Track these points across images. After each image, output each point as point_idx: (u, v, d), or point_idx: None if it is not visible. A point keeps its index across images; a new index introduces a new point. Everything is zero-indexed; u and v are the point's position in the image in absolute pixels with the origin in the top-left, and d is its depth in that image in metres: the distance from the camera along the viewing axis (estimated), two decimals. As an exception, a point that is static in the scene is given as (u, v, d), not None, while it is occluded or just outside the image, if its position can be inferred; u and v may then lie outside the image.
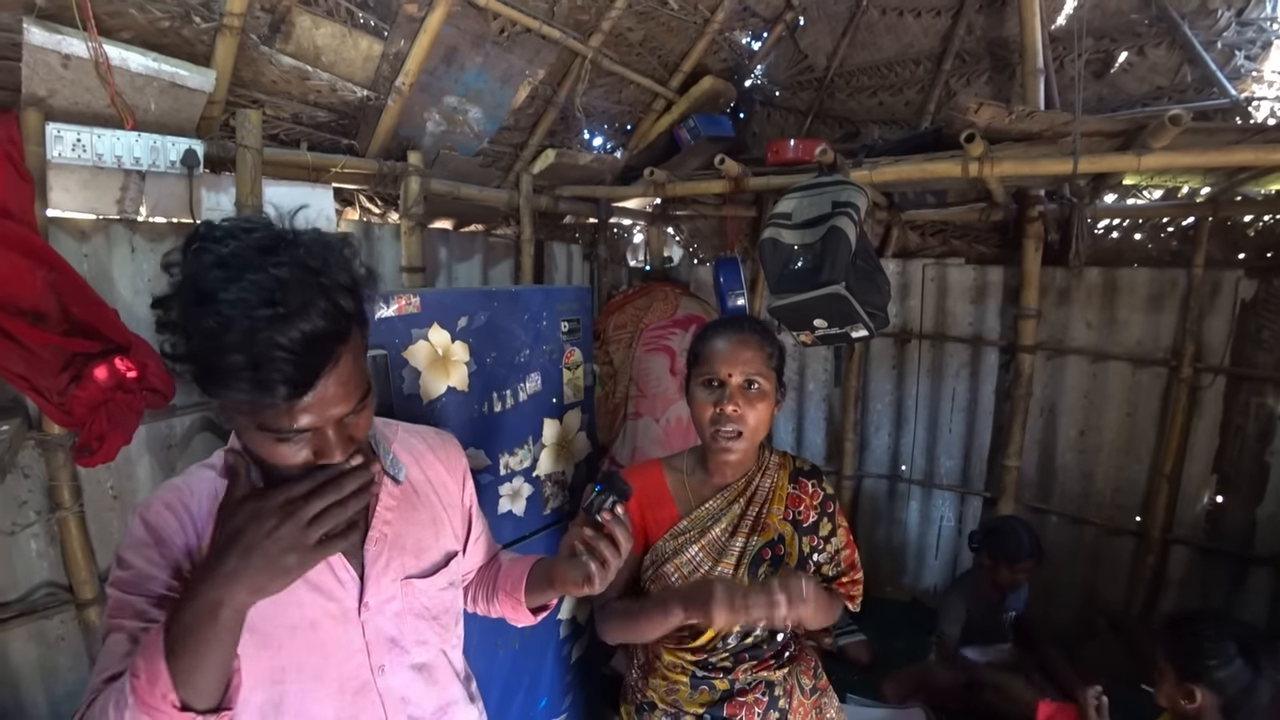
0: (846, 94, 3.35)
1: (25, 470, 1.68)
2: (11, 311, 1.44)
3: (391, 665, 0.99)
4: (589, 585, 0.99)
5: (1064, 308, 2.92)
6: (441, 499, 1.10)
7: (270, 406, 0.72)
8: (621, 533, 0.99)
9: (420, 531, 1.04)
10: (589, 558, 0.98)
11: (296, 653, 0.91)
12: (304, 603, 0.91)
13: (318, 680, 0.92)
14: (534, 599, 1.16)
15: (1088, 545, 2.94)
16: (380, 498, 0.99)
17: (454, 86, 2.40)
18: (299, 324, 0.70)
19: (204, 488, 0.91)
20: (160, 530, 0.87)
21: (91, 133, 1.60)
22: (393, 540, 1.00)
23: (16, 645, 1.72)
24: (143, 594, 0.83)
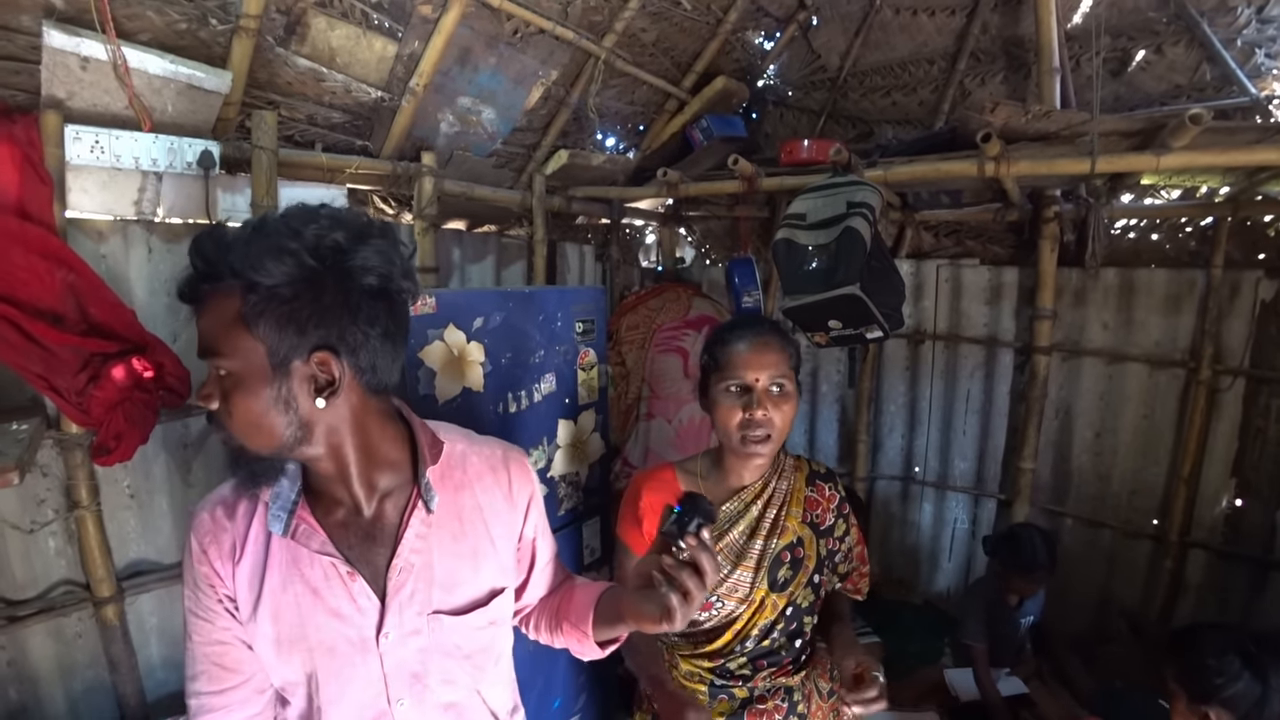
0: (860, 94, 3.33)
1: (44, 469, 1.69)
2: (31, 312, 1.45)
3: (412, 701, 0.94)
4: (668, 621, 0.86)
5: (1080, 309, 2.90)
6: (490, 529, 0.99)
7: None
8: (708, 561, 0.86)
9: (456, 564, 0.96)
10: (669, 589, 0.86)
11: (318, 671, 0.91)
12: (322, 626, 0.90)
13: (336, 703, 0.92)
14: (601, 632, 1.04)
15: (1104, 548, 2.91)
16: (410, 524, 0.92)
17: (468, 87, 2.40)
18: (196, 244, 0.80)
19: (247, 503, 0.94)
20: (198, 552, 0.92)
21: (110, 134, 1.61)
22: (420, 570, 0.93)
23: (35, 642, 1.73)
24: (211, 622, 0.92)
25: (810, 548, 1.42)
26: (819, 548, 1.43)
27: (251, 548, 0.91)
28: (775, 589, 1.36)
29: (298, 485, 0.91)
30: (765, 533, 1.38)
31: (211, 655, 0.92)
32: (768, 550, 1.38)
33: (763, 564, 1.36)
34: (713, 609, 1.36)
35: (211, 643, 0.92)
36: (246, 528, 0.91)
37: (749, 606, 1.36)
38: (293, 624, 0.89)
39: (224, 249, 0.78)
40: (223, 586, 0.91)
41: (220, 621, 0.91)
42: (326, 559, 0.89)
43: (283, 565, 0.90)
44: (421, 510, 0.93)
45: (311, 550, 0.89)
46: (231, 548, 0.91)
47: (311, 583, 0.89)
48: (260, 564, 0.90)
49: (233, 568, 0.90)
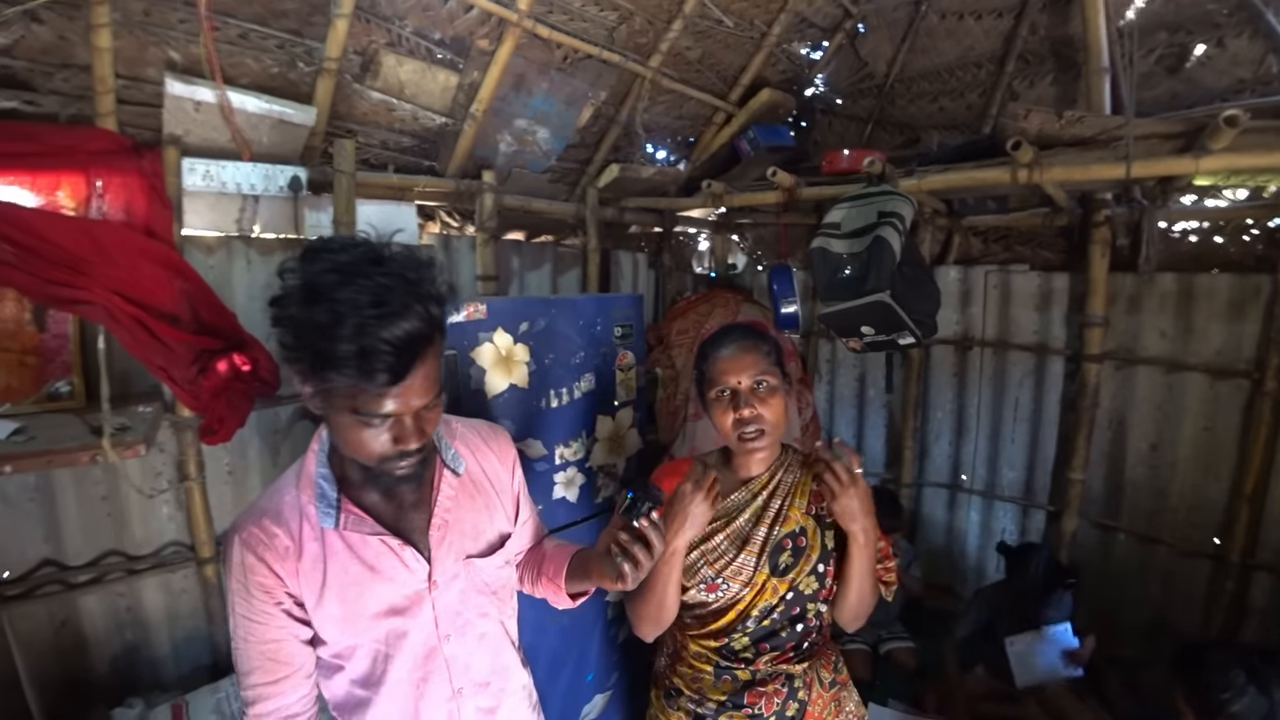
0: (907, 100, 3.34)
1: (161, 446, 2.01)
2: (155, 314, 1.74)
3: (456, 634, 1.13)
4: (622, 583, 1.08)
5: (1134, 315, 2.81)
6: (495, 486, 1.23)
7: (367, 392, 0.87)
8: (656, 536, 1.07)
9: (477, 516, 1.18)
10: (623, 559, 1.06)
11: (382, 630, 1.07)
12: (382, 595, 1.06)
13: (399, 653, 1.09)
14: (572, 586, 1.26)
15: (1159, 566, 2.80)
16: (441, 488, 1.12)
17: (523, 110, 2.61)
18: (400, 323, 0.86)
19: (290, 511, 1.05)
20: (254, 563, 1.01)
21: (217, 164, 1.91)
22: (453, 525, 1.13)
23: (149, 593, 2.06)
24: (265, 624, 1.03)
25: (814, 538, 1.49)
26: (824, 538, 1.50)
27: (309, 545, 1.03)
28: (776, 574, 1.45)
29: (334, 483, 1.05)
30: (769, 521, 1.47)
31: (266, 652, 1.03)
32: (770, 537, 1.46)
33: (765, 550, 1.45)
34: (719, 590, 1.45)
35: (266, 641, 1.02)
36: (298, 528, 1.03)
37: (751, 589, 1.44)
38: (356, 599, 1.04)
39: (435, 310, 0.93)
40: (282, 587, 1.01)
41: (275, 622, 1.02)
42: (377, 538, 1.05)
43: (341, 552, 1.04)
44: (450, 475, 1.14)
45: (364, 534, 1.05)
46: (287, 549, 1.01)
47: (368, 561, 1.05)
48: (320, 556, 1.03)
49: (294, 565, 1.01)
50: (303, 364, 0.89)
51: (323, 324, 0.84)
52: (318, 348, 0.85)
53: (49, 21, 1.65)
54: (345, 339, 0.83)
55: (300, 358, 0.89)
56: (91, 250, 1.64)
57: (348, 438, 0.95)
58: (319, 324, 0.84)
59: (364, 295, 0.85)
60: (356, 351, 0.84)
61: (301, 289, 0.87)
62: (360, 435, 0.93)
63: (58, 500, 1.91)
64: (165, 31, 1.77)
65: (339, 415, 0.93)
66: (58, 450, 1.52)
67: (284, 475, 1.11)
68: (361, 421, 0.91)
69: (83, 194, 1.79)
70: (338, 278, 0.86)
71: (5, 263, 1.52)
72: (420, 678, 1.11)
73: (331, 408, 0.93)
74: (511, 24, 2.25)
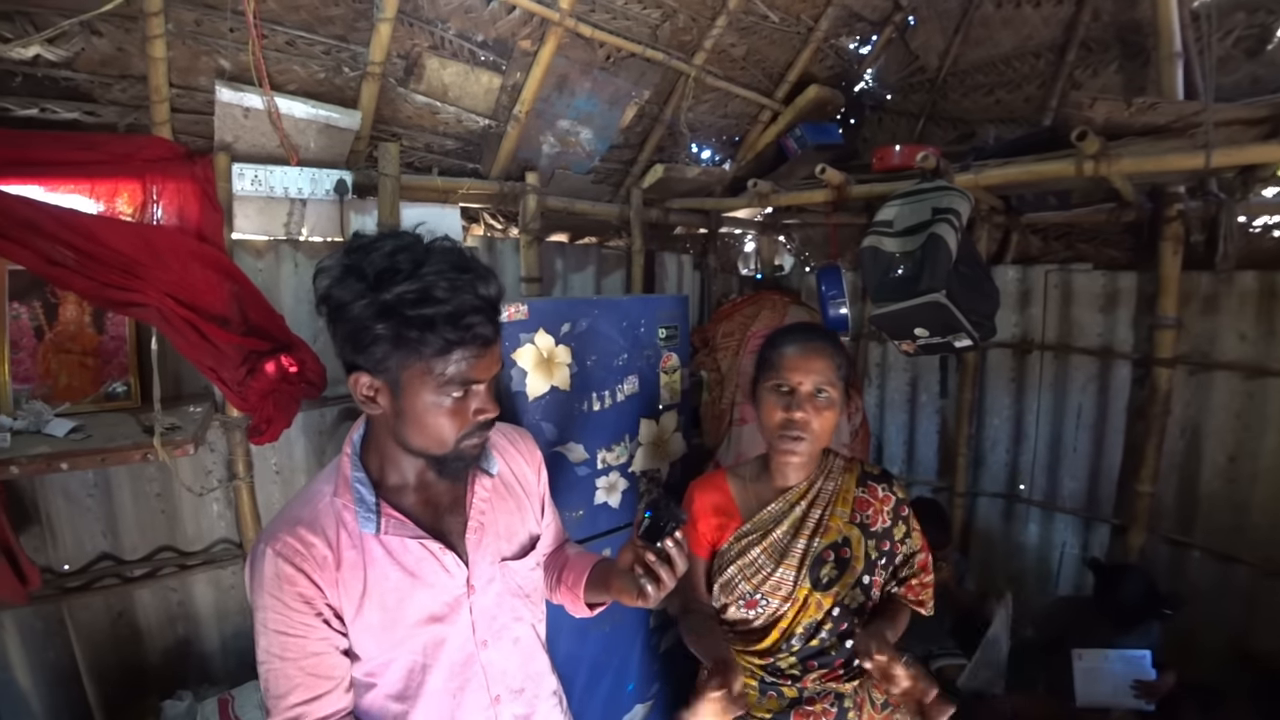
0: (961, 93, 3.22)
1: (211, 445, 2.06)
2: (206, 316, 1.78)
3: (493, 639, 1.11)
4: (643, 600, 1.04)
5: (1211, 317, 2.63)
6: (524, 488, 1.22)
7: (464, 358, 0.90)
8: (681, 558, 1.03)
9: (509, 519, 1.16)
10: (646, 580, 1.02)
11: (421, 638, 1.04)
12: (423, 602, 1.03)
13: (436, 662, 1.05)
14: (591, 596, 1.23)
15: (1238, 587, 2.60)
16: (475, 490, 1.11)
17: (566, 111, 2.60)
18: (490, 285, 0.92)
19: (325, 518, 1.01)
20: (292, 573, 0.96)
21: (266, 169, 1.94)
22: (488, 527, 1.12)
23: (199, 588, 2.11)
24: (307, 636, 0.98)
25: (859, 548, 1.42)
26: (868, 548, 1.43)
27: (347, 553, 0.99)
28: (818, 588, 1.38)
29: (370, 486, 1.03)
30: (809, 532, 1.40)
31: (307, 667, 0.97)
32: (810, 549, 1.39)
33: (805, 563, 1.38)
34: (758, 606, 1.39)
35: (307, 655, 0.96)
36: (336, 536, 0.99)
37: (793, 605, 1.38)
38: (397, 607, 1.01)
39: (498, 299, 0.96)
40: (322, 598, 0.97)
41: (316, 634, 0.97)
42: (417, 542, 1.02)
43: (381, 559, 1.01)
44: (483, 477, 1.12)
45: (404, 538, 1.02)
46: (325, 559, 0.97)
47: (408, 567, 1.02)
48: (360, 563, 0.99)
49: (333, 575, 0.97)
50: (384, 345, 0.89)
51: (412, 294, 0.86)
52: (409, 317, 0.87)
53: (108, 34, 1.70)
54: (439, 301, 0.86)
55: (383, 336, 0.88)
56: (147, 254, 1.68)
57: (428, 422, 0.95)
58: (408, 296, 0.86)
59: (444, 264, 0.89)
60: (451, 313, 0.87)
61: (375, 274, 0.88)
62: (442, 415, 0.94)
63: (115, 496, 1.97)
64: (216, 40, 1.81)
65: (418, 399, 0.93)
66: (112, 449, 1.57)
67: (314, 482, 1.08)
68: (443, 397, 0.92)
69: (139, 200, 1.84)
70: (409, 256, 0.88)
71: (67, 267, 1.57)
72: (457, 686, 1.08)
73: (410, 392, 0.93)
74: (554, 24, 2.24)
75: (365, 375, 0.94)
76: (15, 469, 1.48)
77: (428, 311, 0.87)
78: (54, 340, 1.80)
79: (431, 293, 0.87)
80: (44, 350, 1.79)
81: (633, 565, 1.05)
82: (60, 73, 1.70)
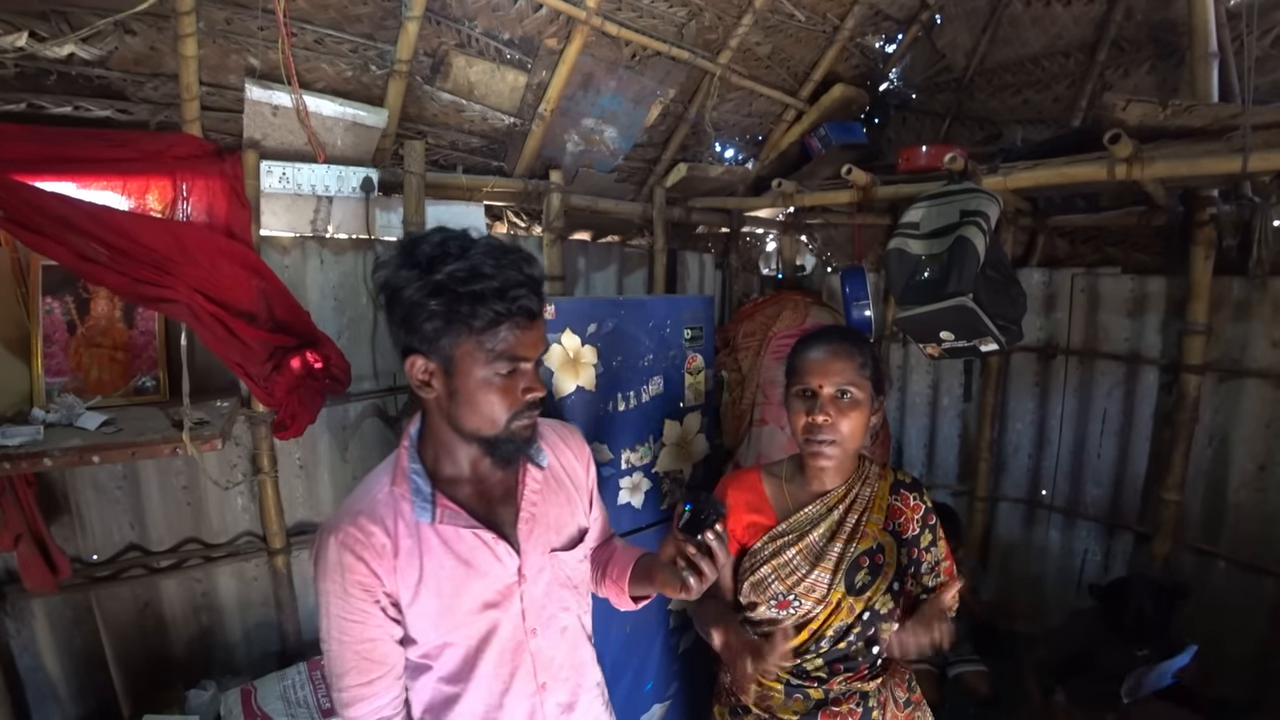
0: (988, 93, 3.18)
1: (237, 440, 2.08)
2: (234, 312, 1.79)
3: (542, 628, 1.14)
4: (686, 592, 1.06)
5: (1242, 323, 2.58)
6: (573, 481, 1.25)
7: (512, 331, 0.96)
8: (721, 550, 1.05)
9: (559, 511, 1.20)
10: (689, 573, 1.05)
11: (474, 625, 1.08)
12: (477, 590, 1.07)
13: (488, 649, 1.09)
14: (635, 589, 1.27)
15: (1267, 599, 2.55)
16: (526, 482, 1.15)
17: (591, 110, 2.59)
18: (533, 266, 1.00)
19: (384, 509, 1.06)
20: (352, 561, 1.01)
21: (293, 167, 1.95)
22: (539, 518, 1.15)
23: (223, 580, 2.13)
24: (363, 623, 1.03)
25: (891, 555, 1.42)
26: (900, 556, 1.43)
27: (404, 542, 1.04)
28: (852, 592, 1.39)
29: (426, 477, 1.07)
30: (845, 537, 1.41)
31: (362, 652, 1.03)
32: (846, 554, 1.40)
33: (840, 567, 1.39)
34: (790, 607, 1.40)
35: (363, 641, 1.02)
36: (394, 525, 1.04)
37: (825, 608, 1.39)
38: (453, 594, 1.05)
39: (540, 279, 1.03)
40: (381, 586, 1.02)
41: (373, 620, 1.02)
42: (471, 532, 1.07)
43: (436, 548, 1.05)
44: (534, 469, 1.16)
45: (459, 527, 1.06)
46: (383, 547, 1.02)
47: (463, 556, 1.06)
48: (416, 552, 1.04)
49: (391, 563, 1.02)
50: (436, 322, 0.95)
51: (462, 272, 0.93)
52: (460, 293, 0.93)
53: (141, 33, 1.72)
54: (491, 276, 0.93)
55: (436, 313, 0.94)
56: (176, 251, 1.70)
57: (479, 400, 1.00)
58: (459, 275, 0.93)
59: (490, 248, 0.97)
60: (498, 287, 0.93)
61: (427, 259, 0.95)
62: (493, 393, 0.99)
63: (143, 489, 2.00)
64: (245, 39, 1.82)
65: (470, 376, 0.98)
66: (141, 442, 1.58)
67: (373, 474, 1.13)
68: (493, 373, 0.98)
69: (169, 197, 1.86)
70: (457, 243, 0.96)
71: (99, 263, 1.59)
72: (508, 672, 1.12)
73: (462, 371, 0.98)
74: (580, 22, 2.23)
75: (420, 358, 1.00)
76: (49, 461, 1.50)
77: (476, 287, 0.93)
78: (85, 335, 1.82)
79: (480, 270, 0.94)
80: (76, 344, 1.81)
81: (674, 558, 1.08)
82: (94, 71, 1.72)
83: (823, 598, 1.39)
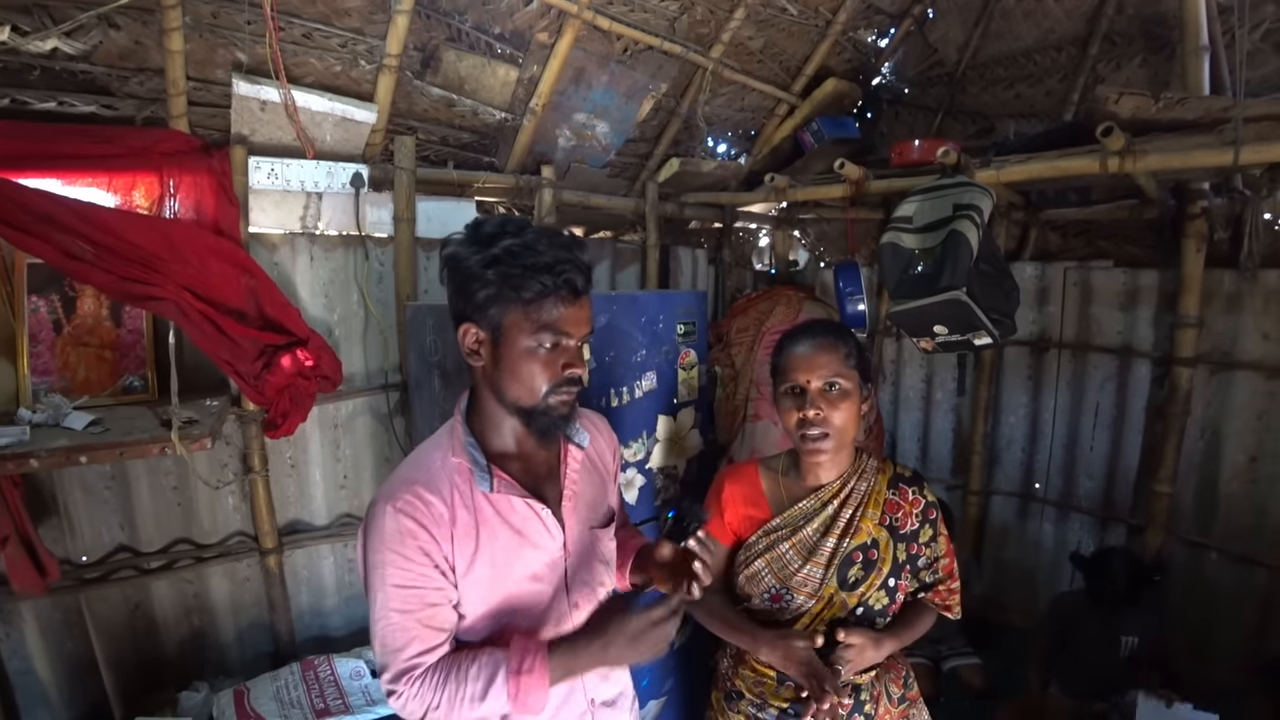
0: (980, 87, 3.18)
1: (227, 439, 2.06)
2: (223, 310, 1.78)
3: (582, 603, 1.18)
4: (689, 597, 1.11)
5: (1233, 316, 2.59)
6: (605, 464, 1.31)
7: (557, 304, 1.01)
8: (705, 553, 1.11)
9: (595, 491, 1.25)
10: (692, 584, 1.10)
11: (522, 596, 1.11)
12: (528, 560, 1.11)
13: (532, 617, 1.12)
14: (633, 577, 1.32)
15: (1257, 589, 2.57)
16: (568, 462, 1.19)
17: (583, 104, 2.58)
18: (584, 251, 1.05)
19: (440, 480, 1.08)
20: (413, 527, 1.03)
21: (282, 163, 1.93)
22: (581, 496, 1.20)
23: (214, 581, 2.12)
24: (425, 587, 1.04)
25: (886, 550, 1.42)
26: (896, 551, 1.43)
27: (461, 513, 1.06)
28: (845, 588, 1.38)
29: (480, 449, 1.11)
30: (839, 532, 1.40)
31: (424, 619, 1.03)
32: (839, 549, 1.39)
33: (833, 562, 1.38)
34: (782, 600, 1.40)
35: (425, 607, 1.03)
36: (450, 495, 1.06)
37: (818, 602, 1.39)
38: (505, 564, 1.09)
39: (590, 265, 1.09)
40: (439, 551, 1.03)
41: (433, 584, 1.03)
42: (523, 502, 1.10)
43: (491, 518, 1.09)
44: (575, 450, 1.20)
45: (512, 498, 1.09)
46: (441, 516, 1.04)
47: (515, 525, 1.10)
48: (472, 522, 1.07)
49: (449, 531, 1.05)
50: (489, 289, 1.01)
51: (517, 247, 1.00)
52: (513, 266, 1.00)
53: (125, 27, 1.69)
54: (542, 252, 1.00)
55: (490, 281, 1.01)
56: (164, 248, 1.68)
57: (522, 369, 1.04)
58: (513, 250, 1.00)
59: (546, 230, 1.05)
60: (548, 262, 0.99)
61: (487, 236, 1.03)
62: (535, 363, 1.03)
63: (132, 489, 1.98)
64: (233, 33, 1.80)
65: (515, 345, 1.03)
66: (129, 442, 1.56)
67: (424, 447, 1.16)
68: (536, 345, 1.02)
69: (156, 194, 1.84)
70: (516, 224, 1.04)
71: (85, 261, 1.57)
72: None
73: (508, 339, 1.03)
74: (571, 16, 2.22)
75: (473, 326, 1.06)
76: (35, 462, 1.48)
77: (528, 260, 1.00)
78: (72, 334, 1.80)
79: (533, 245, 1.01)
80: (62, 344, 1.79)
81: (671, 564, 1.15)
82: (78, 66, 1.70)
83: (815, 592, 1.39)
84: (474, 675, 1.02)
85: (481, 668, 1.03)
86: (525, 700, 1.02)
